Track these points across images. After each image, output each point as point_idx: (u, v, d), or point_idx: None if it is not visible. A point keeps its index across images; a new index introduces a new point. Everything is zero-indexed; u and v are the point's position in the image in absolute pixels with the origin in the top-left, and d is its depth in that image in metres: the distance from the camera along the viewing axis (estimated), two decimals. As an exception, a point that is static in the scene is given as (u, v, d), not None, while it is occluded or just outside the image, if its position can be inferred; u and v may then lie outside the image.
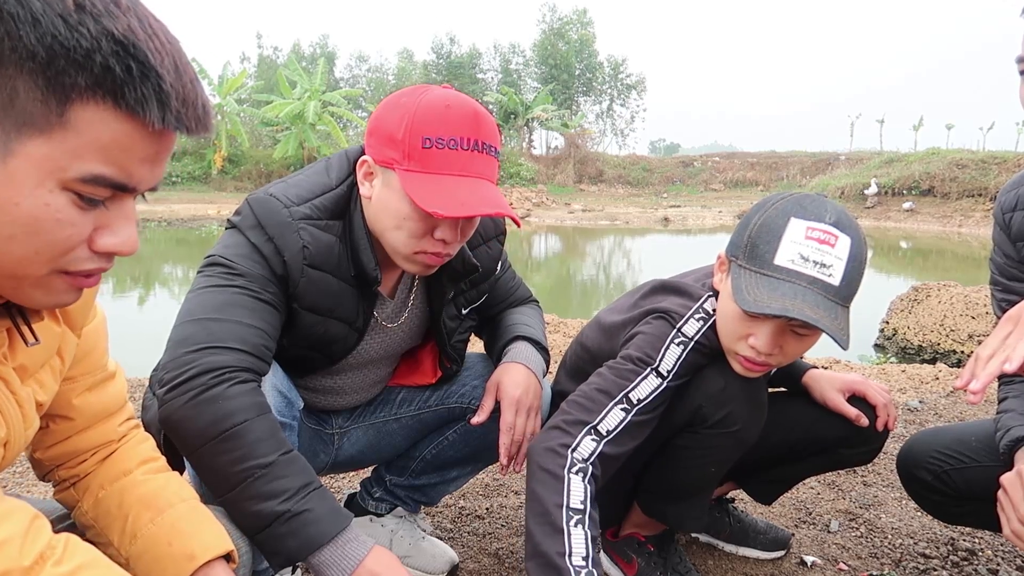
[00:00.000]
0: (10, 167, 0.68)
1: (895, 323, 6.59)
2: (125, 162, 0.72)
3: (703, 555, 1.96)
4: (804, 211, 1.35)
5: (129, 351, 2.43)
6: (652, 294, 1.62)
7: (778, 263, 1.33)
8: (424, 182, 1.29)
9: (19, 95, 0.66)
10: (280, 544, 1.16)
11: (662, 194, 31.80)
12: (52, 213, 0.71)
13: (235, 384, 1.18)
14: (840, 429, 1.69)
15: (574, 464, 1.36)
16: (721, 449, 1.54)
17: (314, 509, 1.16)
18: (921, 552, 2.00)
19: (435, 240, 1.36)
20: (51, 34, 0.65)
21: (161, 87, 0.70)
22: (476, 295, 1.66)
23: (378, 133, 1.35)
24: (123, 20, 0.69)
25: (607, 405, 1.43)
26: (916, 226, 21.26)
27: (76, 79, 0.67)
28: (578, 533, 1.29)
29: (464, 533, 2.05)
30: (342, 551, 1.17)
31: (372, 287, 1.45)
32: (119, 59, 0.68)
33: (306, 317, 1.41)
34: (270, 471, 1.15)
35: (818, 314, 1.28)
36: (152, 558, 1.02)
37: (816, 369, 1.79)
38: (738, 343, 1.42)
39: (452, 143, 1.30)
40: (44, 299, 0.78)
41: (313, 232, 1.37)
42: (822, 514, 2.22)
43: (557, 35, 44.95)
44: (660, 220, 24.66)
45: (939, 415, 3.26)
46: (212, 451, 1.16)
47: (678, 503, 1.65)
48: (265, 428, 1.18)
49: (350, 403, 1.72)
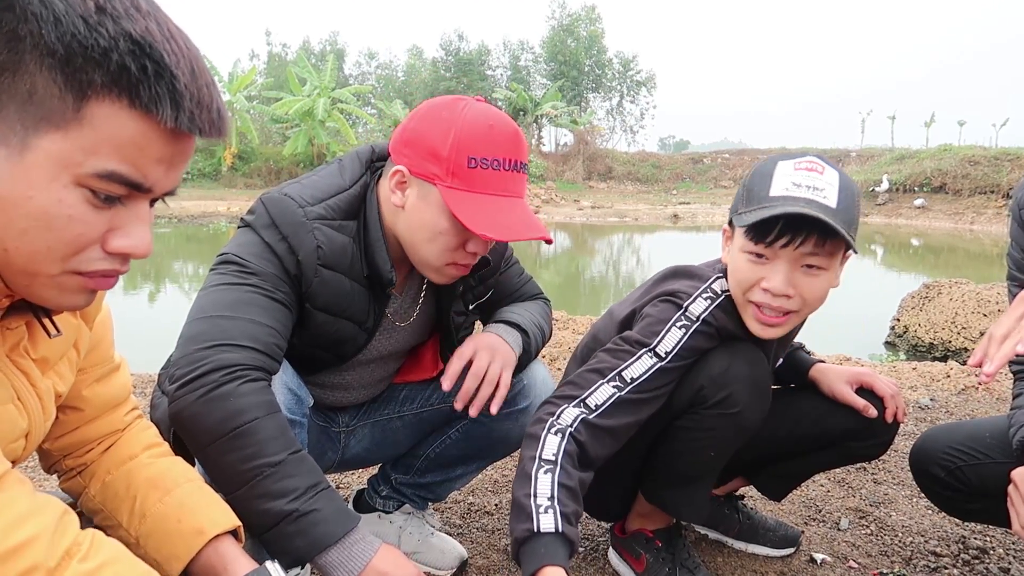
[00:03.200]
0: (26, 161, 0.70)
1: (906, 321, 6.55)
2: (139, 161, 0.74)
3: (712, 552, 1.95)
4: (789, 156, 1.43)
5: (138, 347, 2.45)
6: (664, 280, 1.63)
7: (774, 194, 1.37)
8: (467, 201, 1.32)
9: (38, 91, 0.69)
10: (288, 543, 1.16)
11: (671, 191, 31.72)
12: (65, 209, 0.72)
13: (246, 382, 1.19)
14: (849, 421, 1.69)
15: (553, 426, 1.40)
16: (721, 431, 1.53)
17: (322, 509, 1.17)
18: (932, 550, 1.99)
19: (467, 253, 1.40)
20: (71, 33, 0.68)
21: (175, 87, 0.72)
22: (483, 291, 1.67)
23: (417, 145, 1.35)
24: (141, 22, 0.71)
25: (597, 381, 1.46)
26: (928, 223, 21.14)
27: (93, 76, 0.69)
28: (545, 479, 1.32)
29: (473, 529, 2.05)
30: (349, 552, 1.17)
31: (386, 288, 1.46)
32: (135, 58, 0.70)
33: (318, 317, 1.42)
34: (279, 470, 1.16)
35: (822, 218, 1.31)
36: (162, 535, 1.04)
37: (823, 363, 1.78)
38: (752, 291, 1.43)
39: (496, 164, 1.34)
40: (57, 299, 0.79)
41: (327, 232, 1.38)
42: (832, 512, 2.21)
43: (566, 32, 44.82)
44: (670, 217, 24.60)
45: (950, 413, 3.24)
46: (221, 448, 1.16)
47: (678, 489, 1.64)
48: (275, 427, 1.19)
49: (356, 399, 1.72)
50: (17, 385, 0.89)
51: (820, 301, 1.44)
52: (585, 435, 1.40)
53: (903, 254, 16.47)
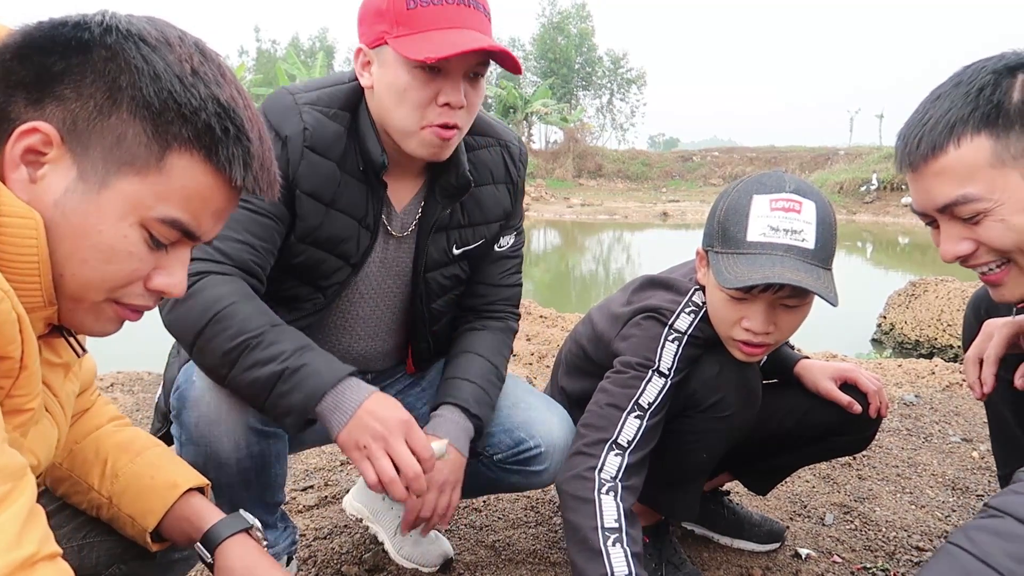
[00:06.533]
0: (103, 198, 0.78)
1: (892, 318, 6.61)
2: (200, 212, 0.83)
3: (698, 547, 1.97)
4: (763, 187, 1.40)
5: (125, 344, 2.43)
6: (641, 290, 1.64)
7: (751, 239, 1.36)
8: (414, 40, 1.29)
9: (127, 137, 0.77)
10: (286, 402, 1.22)
11: (661, 189, 31.77)
12: (127, 245, 0.80)
13: (215, 276, 1.27)
14: (833, 416, 1.71)
15: (603, 484, 1.39)
16: (713, 434, 1.55)
17: (311, 363, 1.22)
18: (915, 545, 2.01)
19: (440, 108, 1.33)
20: (168, 90, 0.78)
21: (249, 150, 0.83)
22: (471, 236, 1.60)
23: (364, 16, 1.37)
24: (228, 89, 0.82)
25: (620, 417, 1.45)
26: (915, 221, 21.09)
27: (180, 130, 0.79)
28: (616, 552, 1.32)
29: (461, 526, 2.06)
30: (343, 396, 1.22)
31: (379, 173, 1.44)
32: (220, 120, 0.80)
33: (307, 204, 1.40)
34: (263, 339, 1.22)
35: (800, 277, 1.31)
36: (135, 492, 1.08)
37: (808, 359, 1.80)
38: (733, 329, 1.44)
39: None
40: (93, 325, 0.86)
41: (317, 117, 1.40)
42: (817, 507, 2.23)
43: (556, 29, 44.85)
44: (659, 215, 24.66)
45: (935, 409, 3.27)
46: (207, 338, 1.23)
47: (670, 490, 1.66)
48: (251, 307, 1.26)
49: (363, 350, 1.65)
50: (45, 398, 0.92)
51: (798, 328, 1.47)
52: (632, 479, 1.42)
53: (890, 252, 16.58)
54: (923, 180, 1.16)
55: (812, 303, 1.43)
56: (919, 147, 1.14)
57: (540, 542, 1.97)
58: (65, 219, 0.77)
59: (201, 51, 0.82)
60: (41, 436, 0.91)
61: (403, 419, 1.24)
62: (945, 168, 1.12)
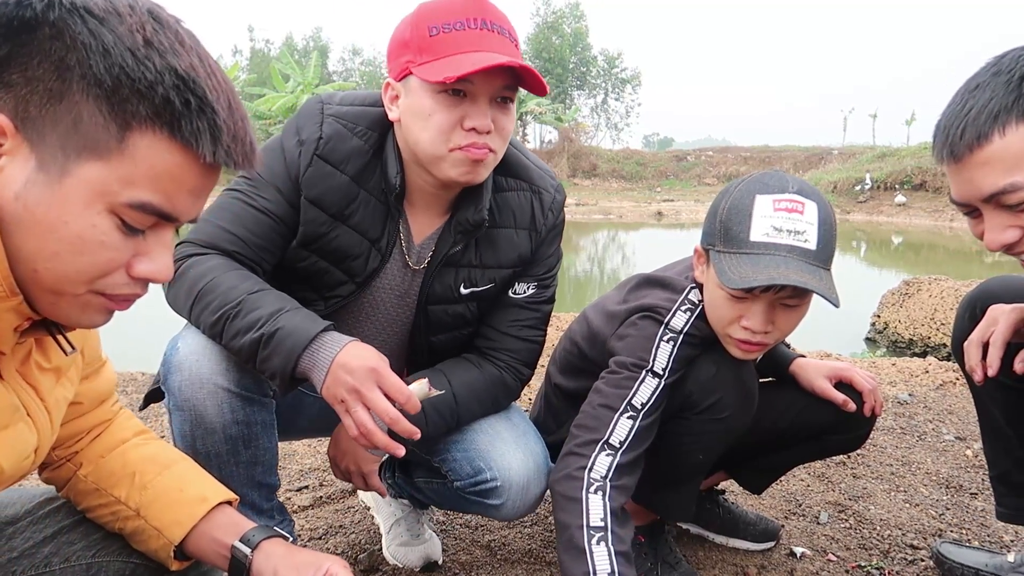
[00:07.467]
0: (65, 187, 0.72)
1: (886, 317, 6.62)
2: (173, 192, 0.77)
3: (693, 546, 1.97)
4: (766, 187, 1.40)
5: (127, 345, 2.43)
6: (637, 288, 1.64)
7: (754, 239, 1.37)
8: (436, 65, 1.30)
9: (83, 120, 0.71)
10: (270, 366, 1.25)
11: (656, 188, 31.80)
12: (97, 235, 0.74)
13: (198, 256, 1.32)
14: (828, 415, 1.71)
15: (591, 484, 1.39)
16: (709, 436, 1.55)
17: (284, 325, 1.24)
18: (910, 543, 2.02)
19: (465, 131, 1.33)
20: (119, 65, 0.71)
21: (215, 122, 0.76)
22: (481, 278, 1.54)
23: (392, 51, 1.39)
24: (186, 58, 0.74)
25: (612, 417, 1.45)
26: (908, 220, 21.32)
27: (137, 108, 0.72)
28: (600, 550, 1.32)
29: (456, 525, 2.06)
30: (318, 353, 1.24)
31: (392, 195, 1.44)
32: (179, 92, 0.73)
33: (311, 211, 1.41)
34: (241, 307, 1.26)
35: (803, 278, 1.32)
36: (164, 504, 1.08)
37: (803, 358, 1.81)
38: (731, 327, 1.44)
39: (459, 24, 1.31)
40: (79, 317, 0.81)
41: (338, 129, 1.41)
42: (812, 506, 2.23)
43: (551, 29, 44.88)
44: (654, 214, 24.68)
45: (928, 408, 3.28)
46: (198, 313, 1.29)
47: (666, 491, 1.66)
48: (232, 277, 1.30)
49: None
50: (27, 400, 0.90)
51: (796, 327, 1.47)
52: (624, 479, 1.42)
53: (884, 251, 16.63)
54: (967, 170, 1.17)
55: (810, 302, 1.43)
56: (963, 137, 1.15)
57: (535, 542, 1.97)
58: (28, 212, 0.72)
59: (155, 17, 0.74)
60: (9, 441, 0.87)
61: (371, 367, 1.22)
62: (991, 157, 1.13)
